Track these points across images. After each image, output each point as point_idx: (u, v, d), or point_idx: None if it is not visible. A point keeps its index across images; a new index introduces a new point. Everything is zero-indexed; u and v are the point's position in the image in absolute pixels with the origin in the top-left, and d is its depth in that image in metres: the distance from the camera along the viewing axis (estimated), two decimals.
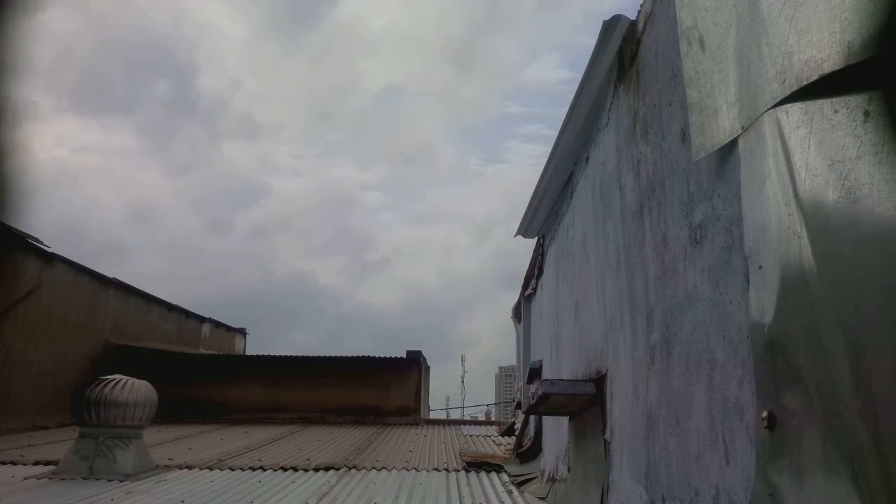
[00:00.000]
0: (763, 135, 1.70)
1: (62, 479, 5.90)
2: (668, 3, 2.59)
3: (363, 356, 13.36)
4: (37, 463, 6.75)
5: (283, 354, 13.80)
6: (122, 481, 5.86)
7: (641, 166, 3.05)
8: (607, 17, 3.38)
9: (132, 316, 13.58)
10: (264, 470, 6.73)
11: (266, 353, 14.40)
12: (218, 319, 17.75)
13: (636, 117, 3.16)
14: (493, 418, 21.62)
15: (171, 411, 9.67)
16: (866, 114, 1.27)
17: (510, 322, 11.52)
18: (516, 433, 8.61)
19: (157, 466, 6.57)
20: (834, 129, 1.37)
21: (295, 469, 6.79)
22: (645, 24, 3.04)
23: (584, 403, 4.17)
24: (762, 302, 1.72)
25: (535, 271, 7.51)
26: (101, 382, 6.33)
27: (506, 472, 6.82)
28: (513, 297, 10.66)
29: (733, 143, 1.91)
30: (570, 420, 4.86)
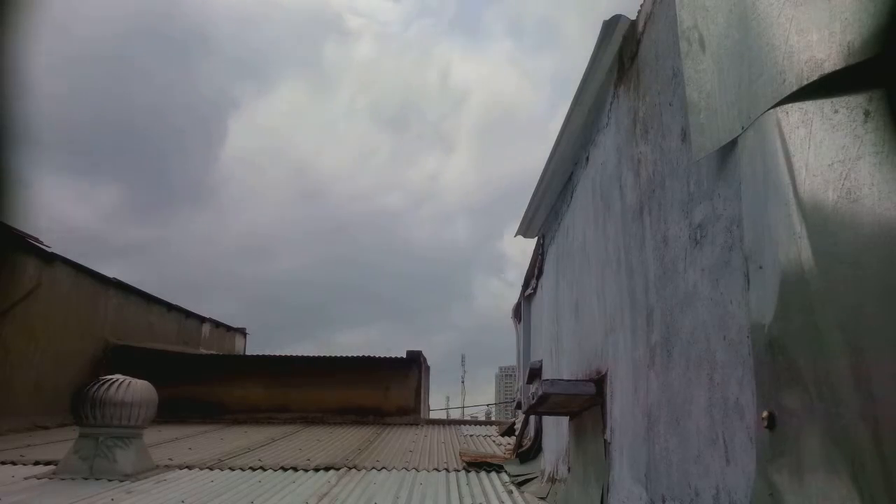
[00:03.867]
0: (763, 135, 1.70)
1: (62, 479, 5.90)
2: (668, 3, 2.59)
3: (363, 356, 13.35)
4: (37, 463, 6.74)
5: (283, 354, 13.80)
6: (122, 481, 5.86)
7: (641, 166, 3.05)
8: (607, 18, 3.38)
9: (132, 316, 13.58)
10: (264, 470, 6.73)
11: (266, 353, 14.39)
12: (218, 319, 17.76)
13: (636, 117, 3.16)
14: (493, 418, 21.63)
15: (171, 411, 9.68)
16: (866, 114, 1.27)
17: (510, 322, 11.51)
18: (516, 433, 8.61)
19: (157, 466, 6.56)
20: (834, 129, 1.37)
21: (295, 469, 6.79)
22: (645, 24, 3.04)
23: (584, 403, 4.17)
24: (762, 302, 1.72)
25: (535, 271, 7.51)
26: (101, 382, 6.33)
27: (506, 472, 6.82)
28: None
29: (733, 143, 1.91)
30: (570, 420, 4.86)
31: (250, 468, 6.80)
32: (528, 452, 7.12)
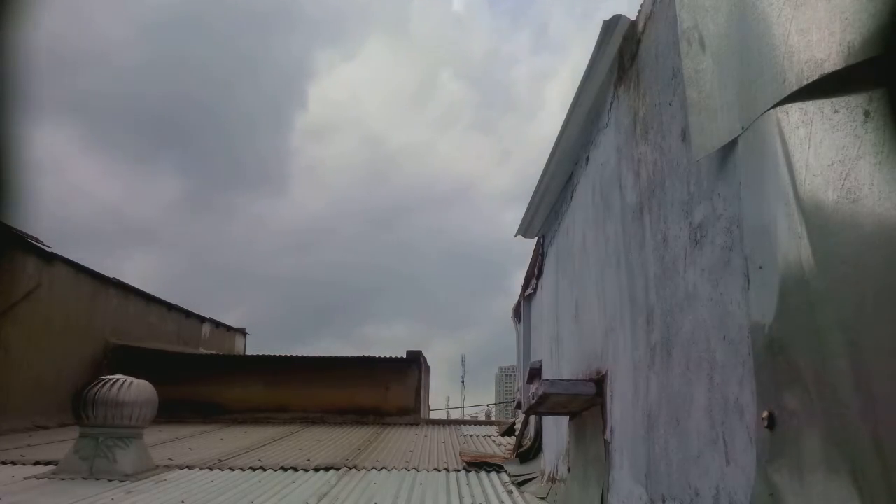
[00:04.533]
0: (763, 135, 1.70)
1: (62, 479, 5.90)
2: (668, 3, 2.59)
3: (363, 356, 13.35)
4: (37, 463, 6.74)
5: (282, 354, 13.80)
6: (122, 481, 5.86)
7: (641, 166, 3.05)
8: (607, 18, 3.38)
9: (132, 316, 13.58)
10: (264, 470, 6.73)
11: (266, 353, 14.39)
12: (218, 320, 17.76)
13: (636, 117, 3.16)
14: (493, 418, 21.63)
15: (171, 411, 9.67)
16: (866, 114, 1.27)
17: (510, 322, 11.51)
18: (516, 433, 8.61)
19: (157, 466, 6.56)
20: (834, 129, 1.37)
21: (295, 469, 6.79)
22: (645, 24, 3.04)
23: (585, 403, 4.17)
24: (762, 302, 1.72)
25: (536, 271, 7.51)
26: (101, 382, 6.33)
27: (506, 472, 6.82)
28: None
29: (733, 143, 1.91)
30: (570, 420, 4.86)
31: (250, 468, 6.80)
32: (528, 452, 7.12)
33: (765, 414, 1.68)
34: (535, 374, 6.62)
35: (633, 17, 3.25)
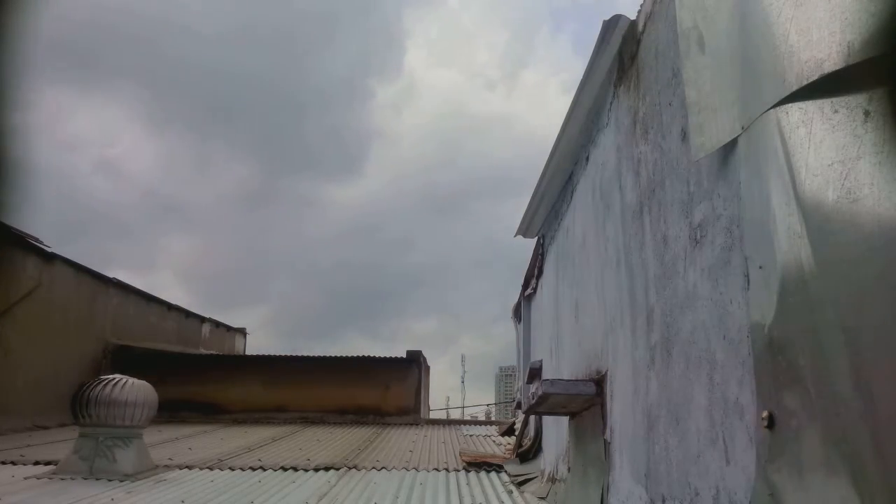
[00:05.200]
0: (763, 135, 1.70)
1: (62, 479, 5.90)
2: (668, 3, 2.59)
3: (363, 356, 13.36)
4: (37, 463, 6.74)
5: (282, 354, 13.81)
6: (122, 481, 5.86)
7: (641, 166, 3.05)
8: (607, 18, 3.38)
9: (132, 316, 13.57)
10: (264, 470, 6.73)
11: (266, 353, 14.40)
12: (218, 320, 17.77)
13: (636, 117, 3.16)
14: (493, 418, 21.63)
15: (171, 411, 9.68)
16: (866, 114, 1.27)
17: (510, 321, 11.51)
18: (516, 433, 8.61)
19: (157, 466, 6.56)
20: (834, 129, 1.37)
21: (295, 469, 6.79)
22: (645, 24, 3.04)
23: (584, 403, 4.17)
24: (762, 302, 1.72)
25: (535, 271, 7.51)
26: (100, 382, 6.33)
27: (506, 472, 6.83)
28: None
29: (733, 143, 1.91)
30: (570, 420, 4.86)
31: (250, 468, 6.80)
32: (528, 452, 7.12)
33: (765, 414, 1.68)
34: (535, 373, 6.62)
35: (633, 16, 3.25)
